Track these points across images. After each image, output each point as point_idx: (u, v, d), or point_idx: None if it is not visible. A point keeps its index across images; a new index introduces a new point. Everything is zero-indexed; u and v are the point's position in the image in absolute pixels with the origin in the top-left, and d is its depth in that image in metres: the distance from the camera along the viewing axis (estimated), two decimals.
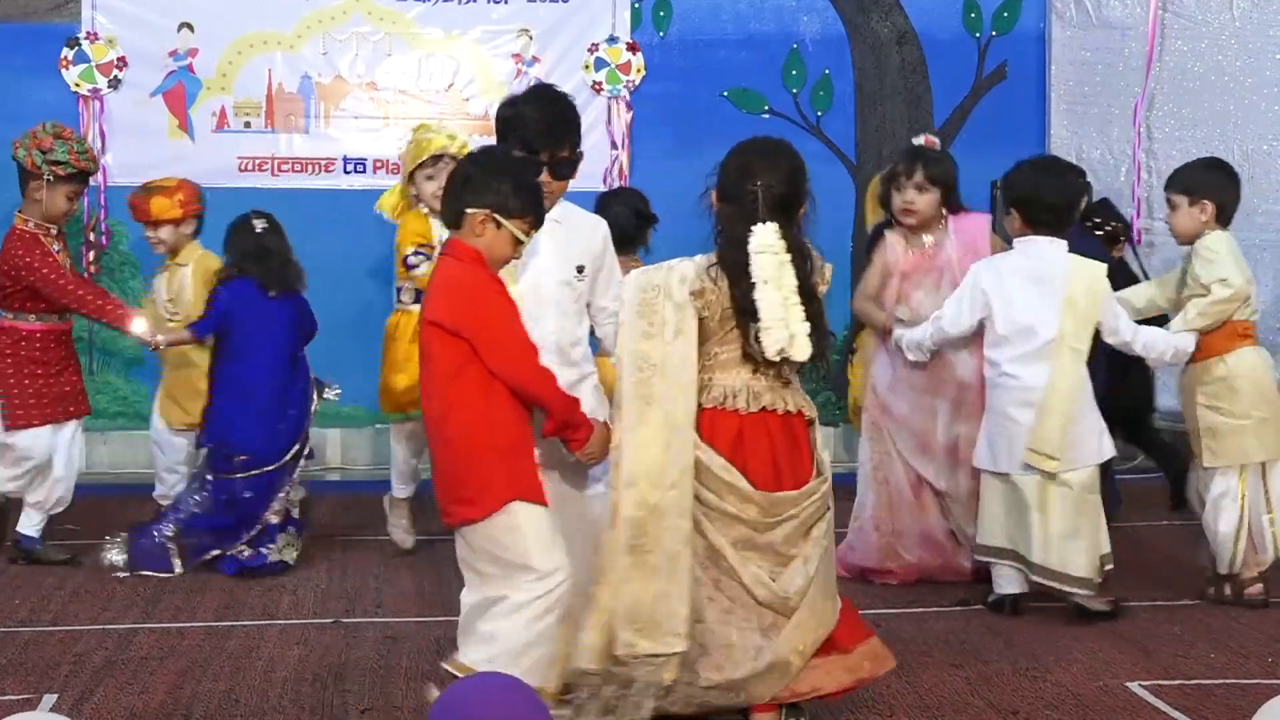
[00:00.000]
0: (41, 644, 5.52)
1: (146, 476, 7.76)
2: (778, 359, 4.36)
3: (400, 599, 6.17)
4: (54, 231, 6.79)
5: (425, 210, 6.82)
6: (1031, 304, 5.79)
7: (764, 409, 4.43)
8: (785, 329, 4.33)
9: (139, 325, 6.71)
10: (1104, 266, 5.96)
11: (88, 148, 6.92)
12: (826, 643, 4.43)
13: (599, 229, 5.01)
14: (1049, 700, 4.94)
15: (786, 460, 4.44)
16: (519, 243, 4.46)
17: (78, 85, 8.84)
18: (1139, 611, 5.93)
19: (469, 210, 4.41)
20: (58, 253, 6.74)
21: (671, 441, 4.33)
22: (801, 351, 4.33)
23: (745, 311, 4.38)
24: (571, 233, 4.91)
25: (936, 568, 6.38)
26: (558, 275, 4.85)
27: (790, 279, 4.37)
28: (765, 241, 4.38)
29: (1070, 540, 5.70)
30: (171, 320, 7.05)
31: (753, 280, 4.37)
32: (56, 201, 6.70)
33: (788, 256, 4.39)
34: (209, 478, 6.69)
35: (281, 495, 6.70)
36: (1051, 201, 5.93)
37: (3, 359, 6.67)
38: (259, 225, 6.95)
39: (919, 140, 6.68)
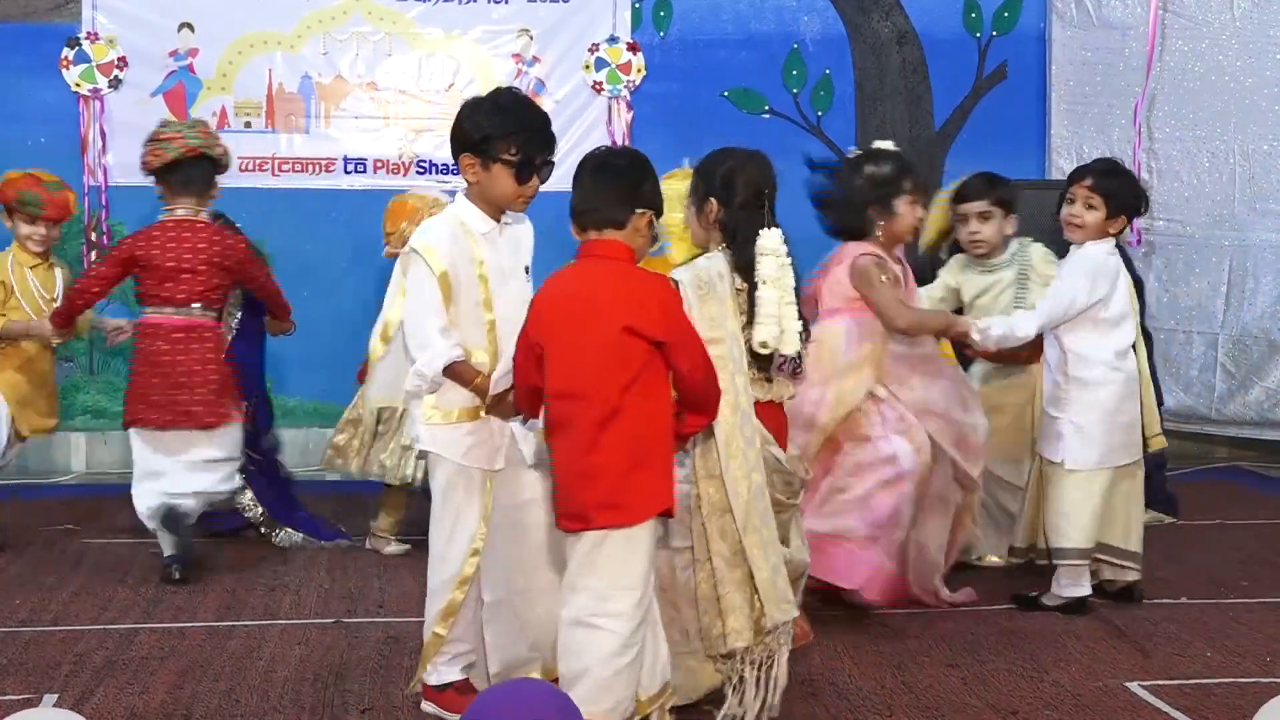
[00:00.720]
0: (42, 644, 5.53)
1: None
2: (764, 351, 4.62)
3: (402, 599, 6.17)
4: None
5: None
6: (1125, 296, 5.93)
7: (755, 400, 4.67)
8: (777, 325, 4.61)
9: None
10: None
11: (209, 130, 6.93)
12: None
13: (531, 230, 5.00)
14: (1048, 700, 4.95)
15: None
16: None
17: (78, 85, 8.86)
18: (1137, 611, 5.95)
19: (638, 210, 4.40)
20: None
21: (742, 425, 4.52)
22: (790, 346, 4.63)
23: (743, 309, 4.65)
24: (523, 235, 4.93)
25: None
26: (523, 278, 4.88)
27: (789, 281, 4.66)
28: (772, 245, 4.64)
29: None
30: None
31: (755, 280, 4.64)
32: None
33: (789, 260, 4.65)
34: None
35: None
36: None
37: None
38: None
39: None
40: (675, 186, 6.25)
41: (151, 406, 6.47)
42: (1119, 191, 5.99)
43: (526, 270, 4.92)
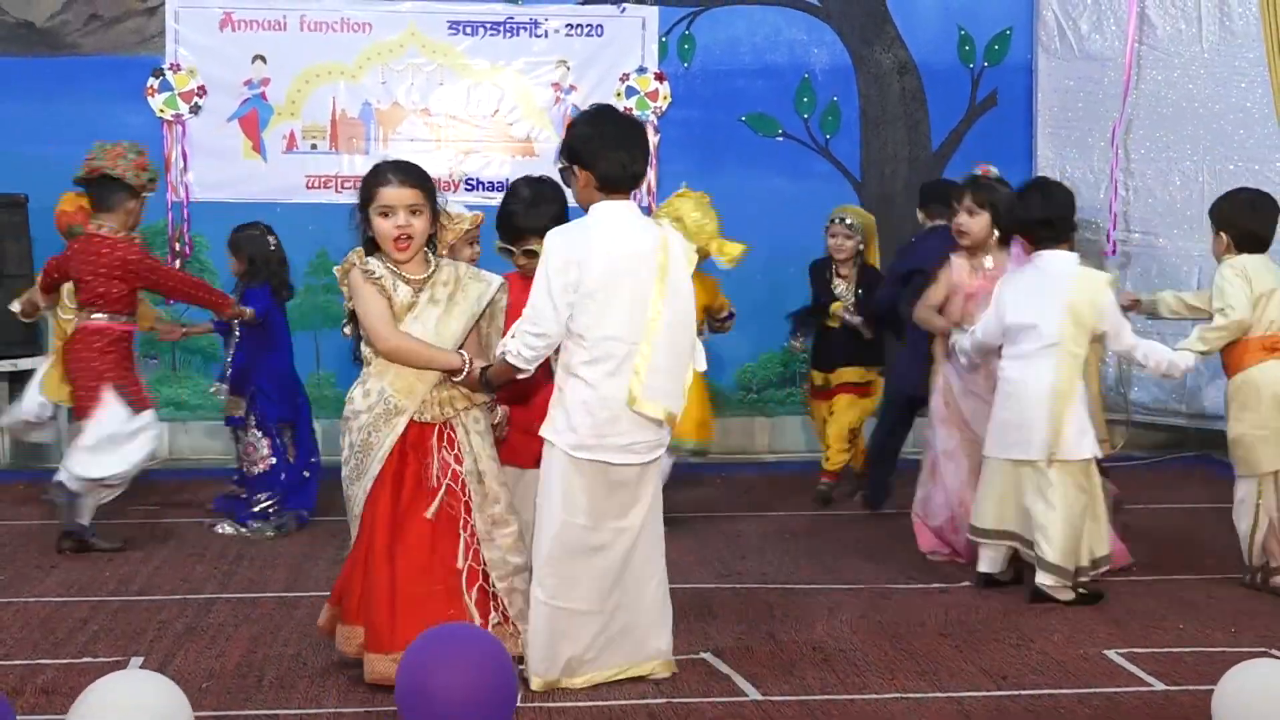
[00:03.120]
0: (129, 612, 5.55)
1: (223, 461, 7.82)
2: None
3: None
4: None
5: None
6: (1035, 307, 5.75)
7: None
8: None
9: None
10: (1107, 277, 5.98)
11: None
12: None
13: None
14: (1034, 666, 4.94)
15: None
16: None
17: (162, 111, 8.88)
18: (1116, 586, 5.91)
19: None
20: None
21: None
22: None
23: None
24: None
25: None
26: None
27: None
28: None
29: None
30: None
31: None
32: (139, 214, 6.68)
33: None
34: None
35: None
36: (1041, 217, 5.89)
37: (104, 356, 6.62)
38: (273, 241, 7.20)
39: (977, 170, 6.61)
40: (684, 206, 6.36)
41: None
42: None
43: None
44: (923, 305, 6.43)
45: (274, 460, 7.12)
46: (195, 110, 8.92)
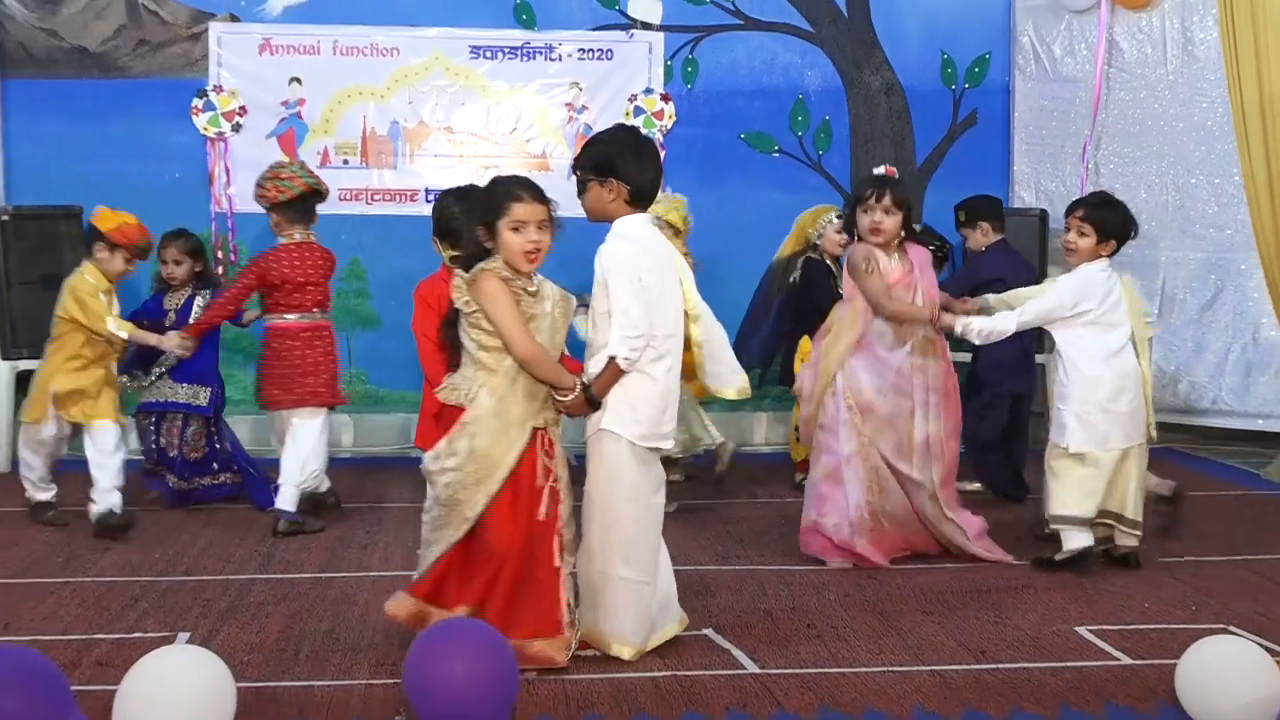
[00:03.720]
0: (176, 591, 5.57)
1: (261, 451, 7.82)
2: None
3: None
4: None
5: None
6: (1120, 305, 5.92)
7: None
8: None
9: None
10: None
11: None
12: None
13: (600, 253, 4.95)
14: (1010, 641, 4.94)
15: None
16: None
17: (206, 129, 8.90)
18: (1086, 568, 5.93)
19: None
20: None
21: None
22: None
23: None
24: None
25: (917, 539, 6.14)
26: None
27: None
28: None
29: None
30: None
31: None
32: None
33: None
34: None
35: None
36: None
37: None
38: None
39: (880, 170, 6.25)
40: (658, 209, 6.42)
41: (284, 391, 6.72)
42: (1108, 220, 5.94)
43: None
44: (885, 299, 5.99)
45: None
46: (237, 129, 8.93)
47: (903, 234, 6.10)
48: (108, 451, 6.47)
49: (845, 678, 4.53)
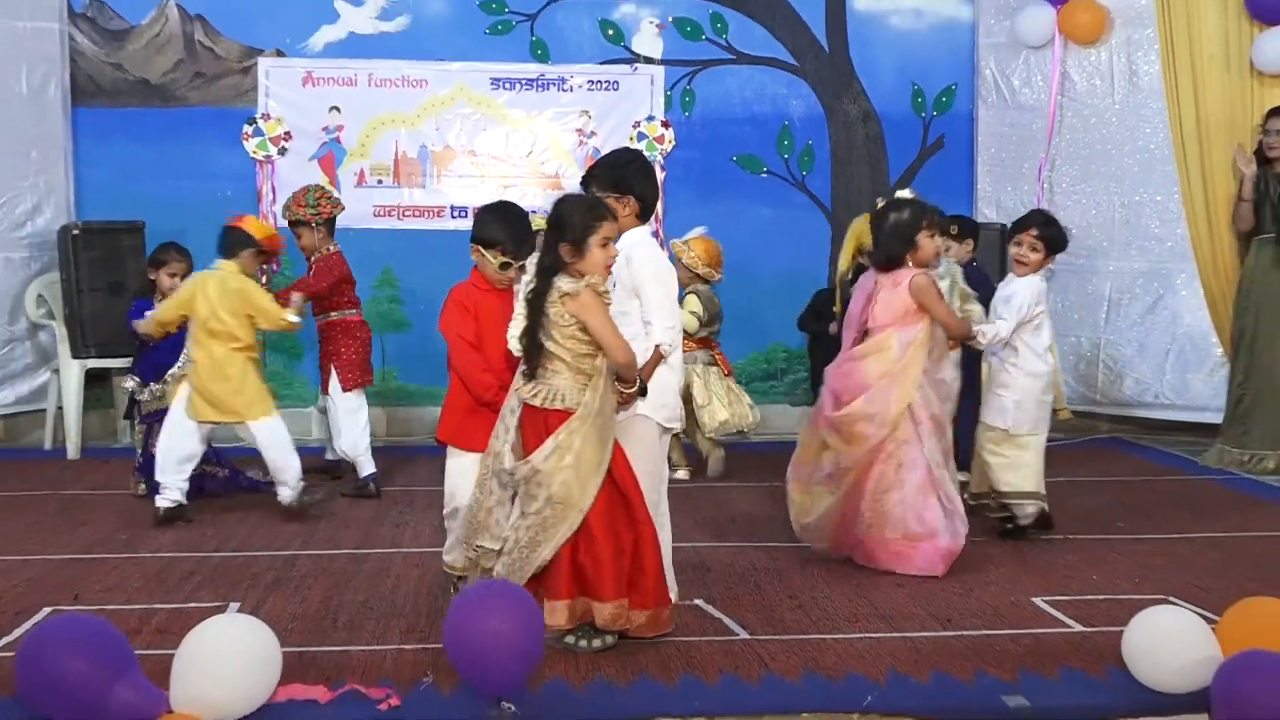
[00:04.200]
0: (227, 566, 5.57)
1: (303, 440, 7.81)
2: None
3: None
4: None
5: None
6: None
7: None
8: None
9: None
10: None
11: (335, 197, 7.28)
12: None
13: (633, 255, 4.86)
14: (973, 610, 4.93)
15: None
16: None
17: (255, 153, 8.89)
18: (1041, 544, 5.91)
19: (471, 244, 4.89)
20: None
21: None
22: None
23: None
24: (628, 256, 4.83)
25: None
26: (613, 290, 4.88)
27: None
28: None
29: None
30: None
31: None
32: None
33: None
34: None
35: None
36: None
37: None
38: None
39: (908, 193, 5.95)
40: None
41: (366, 373, 7.19)
42: (1056, 237, 6.03)
43: (613, 286, 4.94)
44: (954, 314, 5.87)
45: None
46: (283, 152, 8.92)
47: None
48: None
49: (826, 643, 4.52)
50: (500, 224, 4.80)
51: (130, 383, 6.88)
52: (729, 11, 9.24)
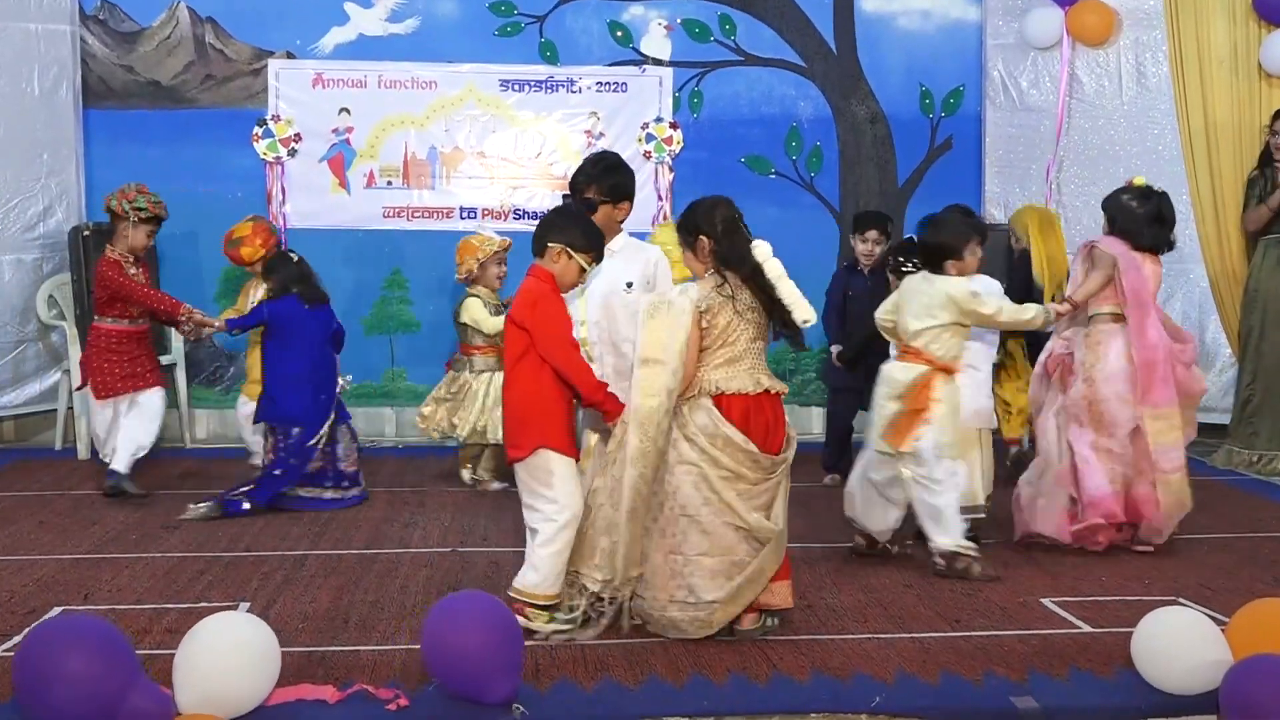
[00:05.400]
0: (237, 565, 5.57)
1: None
2: (805, 326, 4.43)
3: (503, 534, 6.18)
4: (133, 259, 6.92)
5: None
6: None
7: (764, 390, 4.48)
8: (805, 305, 4.42)
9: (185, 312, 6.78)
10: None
11: (159, 200, 7.01)
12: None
13: (651, 256, 5.07)
14: (981, 611, 4.92)
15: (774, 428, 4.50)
16: (583, 270, 4.57)
17: (265, 154, 8.89)
18: (1049, 546, 5.89)
19: (550, 244, 4.53)
20: (134, 275, 6.89)
21: (656, 436, 4.35)
22: (814, 317, 4.45)
23: (773, 301, 4.41)
24: (626, 259, 4.95)
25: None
26: (620, 292, 4.92)
27: (786, 274, 4.46)
28: (767, 252, 4.45)
29: None
30: None
31: (769, 279, 4.40)
32: (138, 238, 6.84)
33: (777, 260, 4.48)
34: (277, 444, 6.61)
35: (347, 449, 6.75)
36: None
37: (95, 350, 6.88)
38: (295, 257, 6.81)
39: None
40: (667, 234, 6.32)
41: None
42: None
43: (629, 285, 4.96)
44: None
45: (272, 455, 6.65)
46: (292, 153, 8.93)
47: None
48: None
49: (835, 644, 4.50)
50: (590, 228, 4.63)
51: None
52: (737, 13, 9.23)
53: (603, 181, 4.99)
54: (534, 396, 4.45)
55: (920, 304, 5.44)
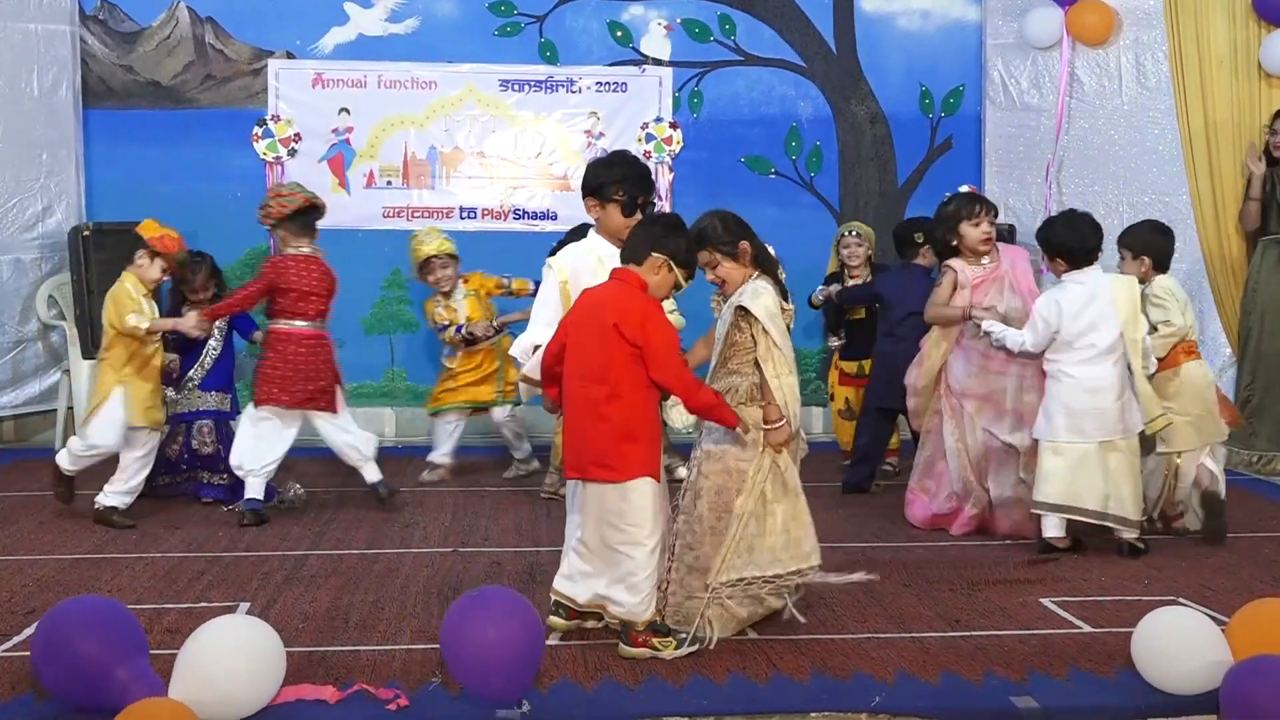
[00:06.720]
0: (238, 565, 5.57)
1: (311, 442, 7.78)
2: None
3: (503, 533, 6.19)
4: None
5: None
6: (1089, 318, 5.71)
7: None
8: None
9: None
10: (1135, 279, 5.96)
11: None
12: None
13: None
14: (981, 611, 4.92)
15: None
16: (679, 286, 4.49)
17: (265, 154, 8.90)
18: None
19: (654, 254, 4.39)
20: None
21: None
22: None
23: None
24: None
25: (991, 522, 6.14)
26: None
27: None
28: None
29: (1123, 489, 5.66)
30: None
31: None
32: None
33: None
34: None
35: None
36: (1078, 245, 5.85)
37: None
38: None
39: (967, 188, 6.43)
40: None
41: (284, 391, 6.38)
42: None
43: None
44: (934, 305, 6.25)
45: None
46: (292, 153, 8.93)
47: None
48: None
49: (834, 644, 4.51)
50: (692, 245, 4.51)
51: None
52: (737, 13, 9.24)
53: (622, 179, 4.86)
54: (643, 420, 4.28)
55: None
